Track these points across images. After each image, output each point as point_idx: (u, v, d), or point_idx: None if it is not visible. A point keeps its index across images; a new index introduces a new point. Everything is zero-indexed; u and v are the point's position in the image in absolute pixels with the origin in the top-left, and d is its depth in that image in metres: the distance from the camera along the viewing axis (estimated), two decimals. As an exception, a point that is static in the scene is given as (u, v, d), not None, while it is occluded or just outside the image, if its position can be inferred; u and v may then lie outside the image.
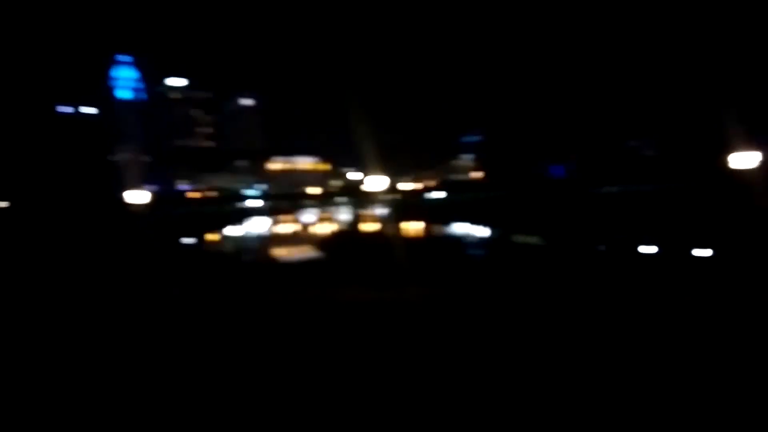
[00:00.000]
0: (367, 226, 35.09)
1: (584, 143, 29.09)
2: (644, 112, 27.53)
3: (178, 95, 40.79)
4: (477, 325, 13.92)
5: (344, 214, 36.72)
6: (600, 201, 27.12)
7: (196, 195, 36.73)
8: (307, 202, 37.24)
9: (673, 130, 26.18)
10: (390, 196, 35.94)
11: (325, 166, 39.62)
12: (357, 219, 36.25)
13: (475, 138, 37.51)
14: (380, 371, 9.99)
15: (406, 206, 35.56)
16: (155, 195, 35.08)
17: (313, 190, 37.71)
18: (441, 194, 36.37)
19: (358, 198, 36.77)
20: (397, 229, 34.37)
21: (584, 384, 9.16)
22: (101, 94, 38.79)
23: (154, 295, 17.56)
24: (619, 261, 24.26)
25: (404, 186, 36.81)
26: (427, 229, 33.78)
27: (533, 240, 28.54)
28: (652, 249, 24.09)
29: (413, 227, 34.07)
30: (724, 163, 24.29)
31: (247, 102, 41.15)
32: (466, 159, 37.55)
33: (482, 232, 31.77)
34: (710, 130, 24.45)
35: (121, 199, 32.92)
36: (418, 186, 37.16)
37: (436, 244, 31.93)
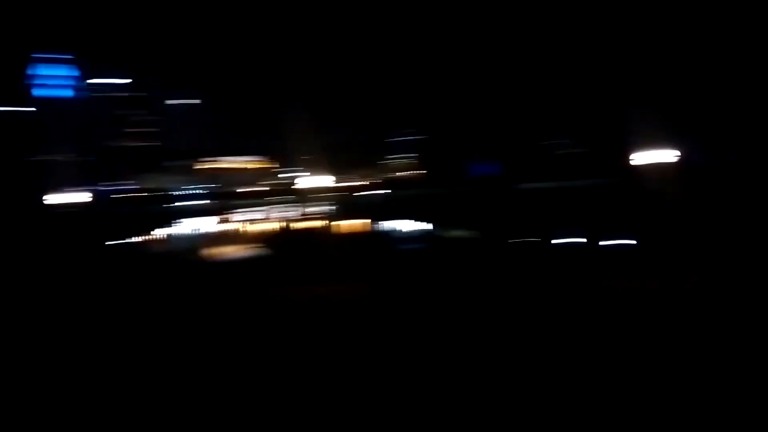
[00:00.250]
0: (310, 224, 35.79)
1: (514, 142, 30.67)
2: (569, 113, 29.23)
3: (120, 94, 40.34)
4: (415, 319, 14.54)
5: (287, 212, 37.27)
6: (529, 196, 28.67)
7: (139, 194, 36.55)
8: (250, 200, 37.57)
9: (594, 131, 27.95)
10: (332, 194, 36.73)
11: (268, 165, 40.05)
12: (300, 217, 36.90)
13: (414, 137, 38.60)
14: (322, 367, 10.44)
15: (348, 203, 36.41)
16: (96, 195, 34.74)
17: (257, 189, 38.12)
18: (382, 191, 37.34)
19: (301, 196, 37.38)
20: (339, 225, 35.23)
21: (519, 375, 9.82)
22: (37, 92, 38.05)
23: (89, 297, 17.54)
24: (547, 252, 25.58)
25: (346, 183, 37.68)
26: (368, 225, 34.72)
27: (469, 234, 29.83)
28: (577, 240, 25.68)
29: (355, 224, 34.95)
30: (639, 159, 26.32)
31: (190, 101, 41.07)
32: (406, 157, 38.67)
33: (421, 227, 32.94)
34: (626, 130, 26.19)
35: (57, 200, 32.50)
36: (360, 183, 38.06)
37: (376, 240, 32.93)
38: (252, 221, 36.17)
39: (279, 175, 39.30)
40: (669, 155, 25.26)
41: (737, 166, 23.62)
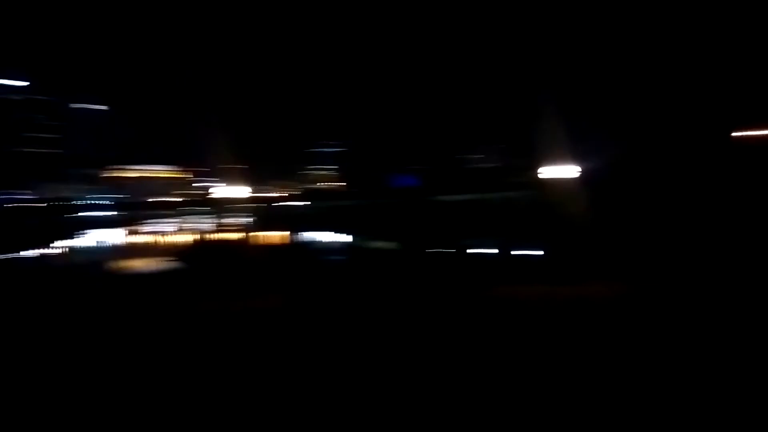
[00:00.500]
0: (227, 235, 34.73)
1: (433, 155, 31.32)
2: (484, 129, 30.20)
3: (18, 97, 37.47)
4: (335, 329, 14.57)
5: (204, 223, 36.01)
6: (446, 208, 29.32)
7: (40, 204, 34.09)
8: (162, 211, 35.96)
9: (507, 146, 29.04)
10: (250, 205, 35.84)
11: (183, 174, 38.53)
12: (217, 228, 35.73)
13: (335, 148, 38.56)
14: (240, 378, 10.23)
15: (267, 214, 35.65)
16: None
17: (170, 199, 36.55)
18: (302, 202, 36.93)
19: (218, 207, 36.22)
20: (258, 237, 34.41)
21: (440, 382, 10.01)
22: None
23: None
24: (461, 261, 26.30)
25: (265, 194, 36.94)
26: (287, 237, 34.16)
27: (389, 245, 30.05)
28: (492, 250, 26.57)
29: (274, 235, 34.28)
30: (547, 173, 27.70)
31: (97, 107, 38.83)
32: (327, 168, 38.52)
33: (342, 239, 32.80)
34: (535, 146, 27.40)
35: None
36: (280, 194, 37.45)
37: (295, 251, 32.41)
38: (165, 233, 34.59)
39: (194, 185, 37.89)
40: (573, 170, 26.85)
41: (636, 179, 25.33)
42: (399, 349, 11.89)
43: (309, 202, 36.48)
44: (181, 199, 36.47)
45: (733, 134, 25.00)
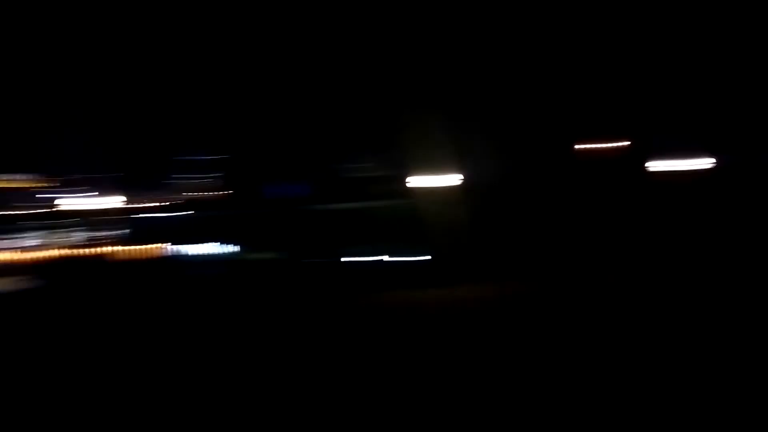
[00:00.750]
0: (97, 249, 32.51)
1: (313, 163, 31.14)
2: (365, 137, 30.37)
3: None
4: (219, 343, 14.48)
5: (71, 237, 33.48)
6: (327, 217, 29.22)
7: None
8: (23, 224, 33.06)
9: (387, 155, 29.44)
10: (123, 216, 33.77)
11: (47, 183, 35.55)
12: (86, 242, 33.37)
13: (218, 155, 37.28)
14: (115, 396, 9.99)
15: (143, 226, 33.81)
16: None
17: (30, 212, 33.66)
18: (183, 212, 35.38)
19: (90, 218, 33.84)
20: (132, 251, 32.47)
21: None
22: None
23: None
24: (335, 270, 26.61)
25: (140, 204, 34.97)
26: (163, 249, 32.63)
27: (270, 256, 29.61)
28: (369, 258, 27.00)
29: (149, 248, 32.58)
30: (428, 181, 28.29)
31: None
32: (209, 176, 37.13)
33: (222, 250, 31.78)
34: (417, 155, 27.96)
35: None
36: (158, 204, 35.60)
37: (171, 265, 31.02)
38: (24, 248, 31.73)
39: (57, 196, 35.07)
40: (455, 178, 27.81)
41: (513, 187, 26.64)
42: (268, 359, 12.16)
43: (190, 212, 35.00)
44: (40, 211, 33.64)
45: (576, 146, 27.23)
